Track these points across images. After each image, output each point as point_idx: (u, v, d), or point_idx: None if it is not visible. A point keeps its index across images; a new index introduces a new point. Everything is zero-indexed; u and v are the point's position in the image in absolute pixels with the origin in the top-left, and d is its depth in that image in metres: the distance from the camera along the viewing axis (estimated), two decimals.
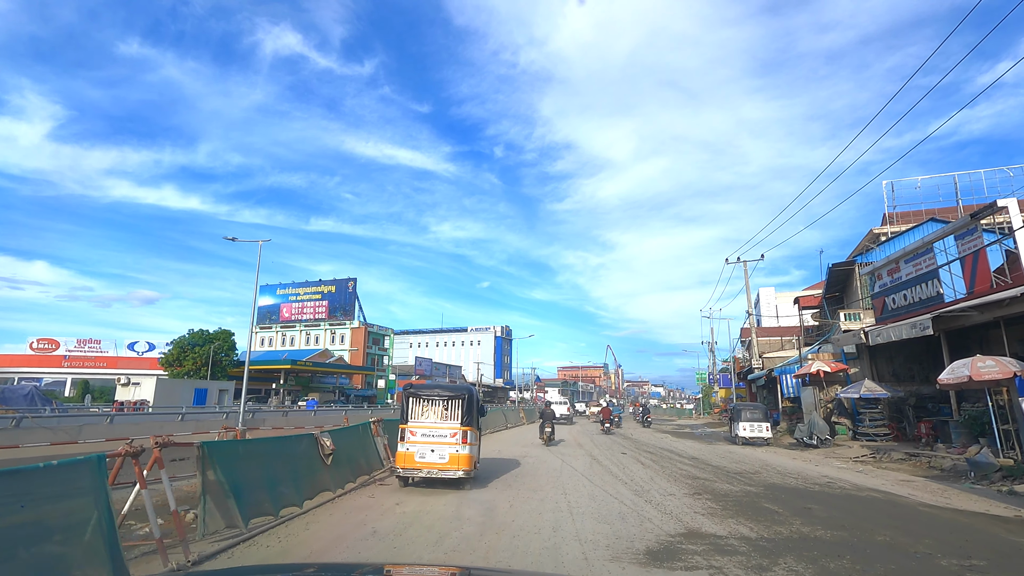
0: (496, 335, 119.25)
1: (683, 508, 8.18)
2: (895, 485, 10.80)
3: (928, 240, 16.94)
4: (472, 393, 10.70)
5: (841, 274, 28.21)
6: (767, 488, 10.27)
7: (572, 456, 16.06)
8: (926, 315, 15.79)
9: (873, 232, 33.32)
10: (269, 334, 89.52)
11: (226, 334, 59.63)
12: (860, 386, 19.75)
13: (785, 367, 25.79)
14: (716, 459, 16.03)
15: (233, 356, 59.61)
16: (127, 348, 69.16)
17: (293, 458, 7.25)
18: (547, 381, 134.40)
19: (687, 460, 15.66)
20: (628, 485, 10.43)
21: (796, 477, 11.98)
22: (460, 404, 10.26)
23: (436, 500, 8.60)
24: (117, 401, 30.87)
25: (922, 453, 15.63)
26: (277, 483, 6.57)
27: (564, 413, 42.93)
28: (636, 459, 15.61)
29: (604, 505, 8.38)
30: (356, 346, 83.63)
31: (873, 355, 21.90)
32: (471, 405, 10.39)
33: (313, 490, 7.52)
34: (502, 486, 10.31)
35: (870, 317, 24.18)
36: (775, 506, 8.41)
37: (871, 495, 9.63)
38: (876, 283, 20.97)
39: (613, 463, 14.40)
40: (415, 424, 10.05)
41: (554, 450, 18.46)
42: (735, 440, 21.67)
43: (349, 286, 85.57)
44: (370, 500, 8.36)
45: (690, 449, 19.47)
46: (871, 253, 25.73)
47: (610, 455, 16.61)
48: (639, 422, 40.37)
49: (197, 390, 33.07)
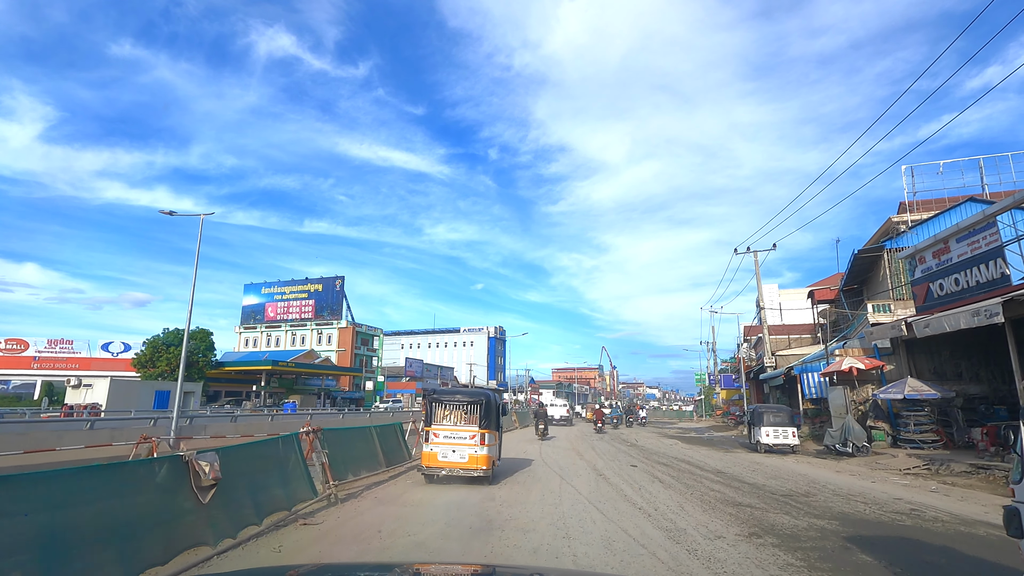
0: (489, 336, 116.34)
1: (748, 566, 5.49)
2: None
3: (992, 213, 14.36)
4: (490, 398, 11.50)
5: (865, 263, 25.69)
6: (842, 522, 7.61)
7: (573, 471, 13.32)
8: (992, 299, 13.23)
9: (892, 221, 30.88)
10: (254, 334, 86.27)
11: (204, 334, 56.44)
12: (903, 385, 17.16)
13: (806, 365, 23.21)
14: (747, 473, 13.38)
15: (211, 357, 56.47)
16: (101, 349, 65.78)
17: (127, 496, 4.49)
18: (542, 383, 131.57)
19: (712, 475, 12.99)
20: (653, 519, 7.71)
21: (865, 501, 9.34)
22: (479, 408, 11.10)
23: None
24: (66, 405, 27.88)
25: (992, 465, 13.03)
26: (73, 547, 3.78)
27: (564, 415, 42.38)
28: (651, 474, 12.93)
29: (627, 560, 5.68)
30: (344, 347, 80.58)
31: (912, 350, 19.37)
32: (489, 409, 11.19)
33: (167, 548, 4.68)
34: (480, 528, 7.58)
35: (902, 308, 21.67)
36: (881, 560, 5.74)
37: (990, 534, 6.97)
38: (917, 268, 18.41)
39: (625, 481, 11.71)
40: (438, 427, 10.90)
41: (551, 460, 15.76)
42: (756, 447, 19.05)
43: (336, 285, 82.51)
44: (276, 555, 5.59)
45: (709, 459, 16.83)
46: (901, 238, 23.22)
47: (618, 469, 13.92)
48: (623, 424, 42.27)
49: (158, 392, 30.10)
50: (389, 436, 11.79)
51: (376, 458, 10.75)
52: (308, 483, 7.70)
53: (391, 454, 11.56)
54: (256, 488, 6.22)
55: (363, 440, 10.77)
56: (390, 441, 11.69)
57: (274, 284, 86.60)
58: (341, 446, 9.36)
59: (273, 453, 7.09)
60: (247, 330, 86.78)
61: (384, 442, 11.28)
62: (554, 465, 14.32)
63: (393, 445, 11.81)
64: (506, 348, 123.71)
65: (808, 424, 22.39)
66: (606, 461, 15.65)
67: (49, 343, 65.14)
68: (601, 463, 15.03)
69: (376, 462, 10.84)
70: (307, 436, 7.99)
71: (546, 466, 14.21)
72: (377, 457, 10.80)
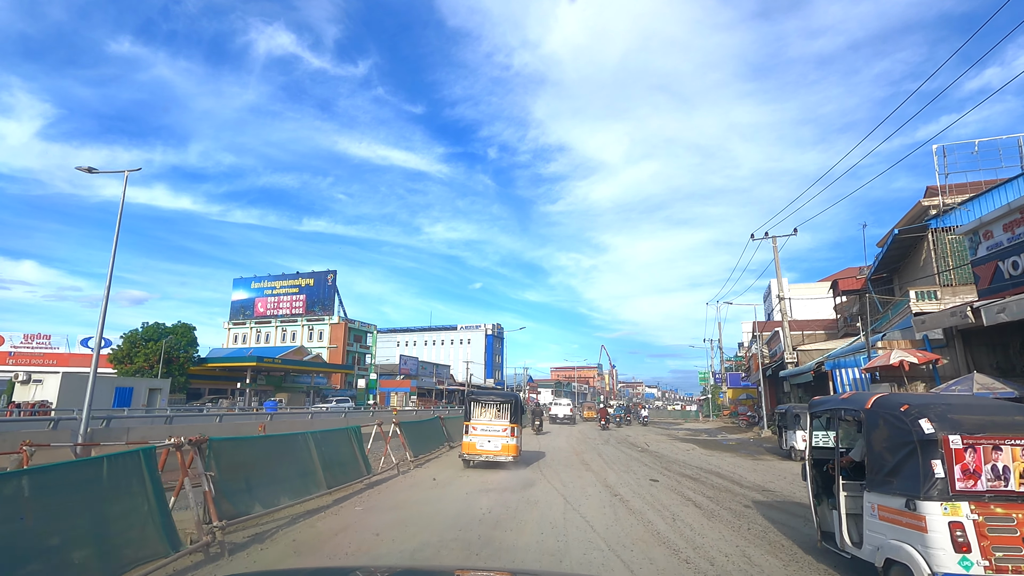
0: (487, 333, 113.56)
1: None
2: None
3: None
4: (518, 399, 14.34)
5: (902, 247, 23.03)
6: None
7: (579, 489, 10.56)
8: None
9: (921, 204, 28.25)
10: (243, 330, 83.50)
11: (185, 328, 53.73)
12: (969, 382, 14.48)
13: (838, 360, 20.56)
14: (799, 491, 10.72)
15: (193, 352, 53.74)
16: (80, 344, 62.98)
17: None
18: (540, 382, 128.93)
19: (757, 494, 10.36)
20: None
21: None
22: (508, 407, 13.74)
23: None
24: (13, 402, 25.18)
25: None
26: None
27: (567, 414, 41.84)
28: (680, 493, 10.27)
29: None
30: (336, 343, 77.82)
31: (969, 342, 16.72)
32: (517, 407, 13.90)
33: None
34: None
35: (950, 295, 19.04)
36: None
37: None
38: (981, 245, 15.73)
39: (649, 505, 9.05)
40: (475, 422, 13.30)
41: (551, 472, 13.11)
42: (791, 454, 16.40)
43: (328, 279, 79.72)
44: None
45: (740, 470, 14.17)
46: (950, 215, 20.54)
47: (636, 485, 11.25)
48: (616, 424, 40.05)
49: (119, 389, 27.40)
50: (338, 446, 9.00)
51: (310, 478, 7.96)
52: (161, 527, 4.83)
53: (340, 469, 8.82)
54: (42, 544, 3.39)
55: (288, 453, 7.90)
56: (339, 452, 8.97)
57: (264, 278, 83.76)
58: (250, 464, 6.70)
59: (93, 482, 4.31)
60: (236, 326, 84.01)
61: (328, 454, 8.54)
62: (555, 479, 11.66)
63: (344, 457, 9.07)
64: (504, 346, 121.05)
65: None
66: (618, 473, 12.99)
67: (25, 338, 62.37)
68: (613, 476, 12.37)
69: (310, 483, 7.98)
70: (180, 452, 5.16)
71: (545, 480, 11.53)
72: (313, 476, 8.02)
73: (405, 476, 10.74)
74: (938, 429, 4.35)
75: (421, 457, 13.98)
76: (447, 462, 14.20)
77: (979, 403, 5.51)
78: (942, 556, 3.99)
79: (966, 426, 4.38)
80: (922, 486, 4.30)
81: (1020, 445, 4.28)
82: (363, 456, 9.38)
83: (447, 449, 17.09)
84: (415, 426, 15.22)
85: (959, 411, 4.60)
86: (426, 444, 15.36)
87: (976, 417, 4.53)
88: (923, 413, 4.52)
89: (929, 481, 4.27)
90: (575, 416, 45.46)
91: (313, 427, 13.14)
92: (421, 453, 14.23)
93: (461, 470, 12.60)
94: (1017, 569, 3.89)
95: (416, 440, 13.94)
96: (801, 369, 23.65)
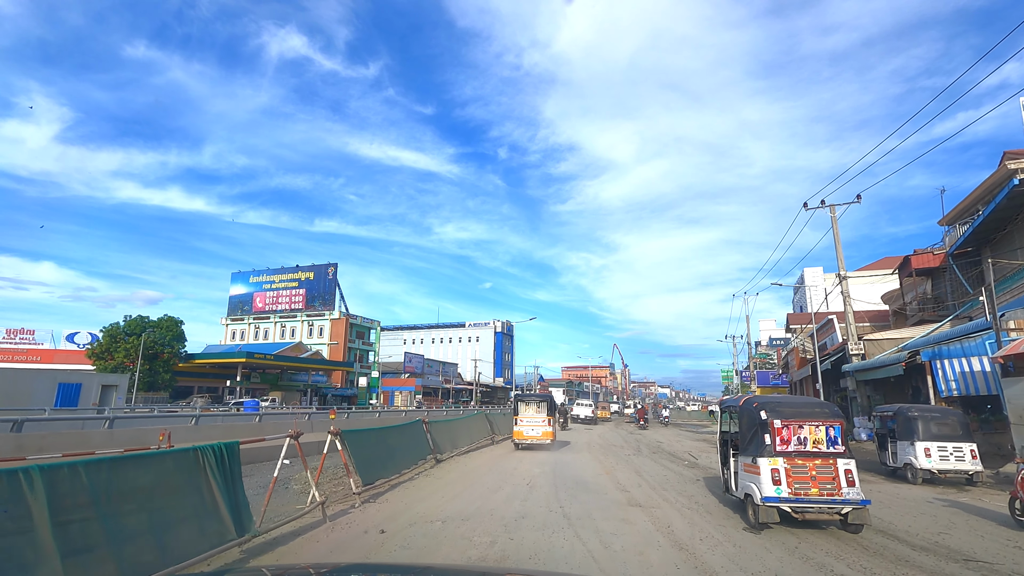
0: (496, 331, 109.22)
1: None
2: None
3: None
4: (552, 399, 20.08)
5: (1014, 206, 18.34)
6: None
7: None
8: None
9: (1006, 167, 23.54)
10: (241, 326, 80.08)
11: (171, 322, 50.10)
12: None
13: (940, 347, 15.99)
14: (1008, 550, 6.32)
15: (180, 348, 50.10)
16: (66, 340, 59.82)
17: None
18: (551, 381, 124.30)
19: (948, 564, 5.92)
20: None
21: None
22: (546, 404, 18.92)
23: None
24: None
25: None
26: None
27: (588, 415, 41.87)
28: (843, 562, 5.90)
29: None
30: (336, 340, 74.02)
31: None
32: (552, 405, 19.48)
33: None
34: None
35: None
36: None
37: None
38: None
39: None
40: (522, 416, 18.51)
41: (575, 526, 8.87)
42: (906, 474, 11.89)
43: (329, 272, 75.96)
44: None
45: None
46: None
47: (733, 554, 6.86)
48: (635, 425, 39.77)
49: (62, 385, 23.45)
50: (180, 495, 4.19)
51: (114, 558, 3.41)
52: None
53: (173, 534, 4.15)
54: None
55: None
56: (176, 508, 4.12)
57: (263, 272, 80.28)
58: None
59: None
60: (234, 322, 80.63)
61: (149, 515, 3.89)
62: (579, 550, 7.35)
63: (186, 511, 4.17)
64: (513, 344, 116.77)
65: None
66: (686, 523, 8.31)
67: (8, 333, 59.27)
68: (680, 526, 7.79)
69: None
70: None
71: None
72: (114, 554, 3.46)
73: (331, 527, 6.42)
74: (769, 416, 7.42)
75: (382, 482, 9.62)
76: (422, 490, 9.98)
77: (794, 400, 9.02)
78: (766, 488, 6.99)
79: (784, 414, 7.48)
80: (760, 449, 7.29)
81: (812, 424, 7.38)
82: (240, 507, 4.99)
83: (431, 464, 12.82)
84: (375, 436, 10.34)
85: (782, 406, 7.71)
86: (401, 459, 11.08)
87: (790, 409, 7.68)
88: (763, 407, 7.61)
89: (763, 446, 7.27)
90: (595, 417, 44.45)
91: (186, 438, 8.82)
92: (383, 476, 9.77)
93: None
94: (806, 493, 6.96)
95: (378, 456, 9.59)
96: (880, 361, 19.06)
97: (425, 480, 10.88)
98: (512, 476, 11.84)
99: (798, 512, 6.97)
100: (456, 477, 11.46)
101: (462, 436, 16.88)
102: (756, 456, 7.26)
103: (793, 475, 7.00)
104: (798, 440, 7.25)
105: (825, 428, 7.31)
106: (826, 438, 7.29)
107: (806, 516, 7.01)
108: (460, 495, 9.32)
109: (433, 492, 9.56)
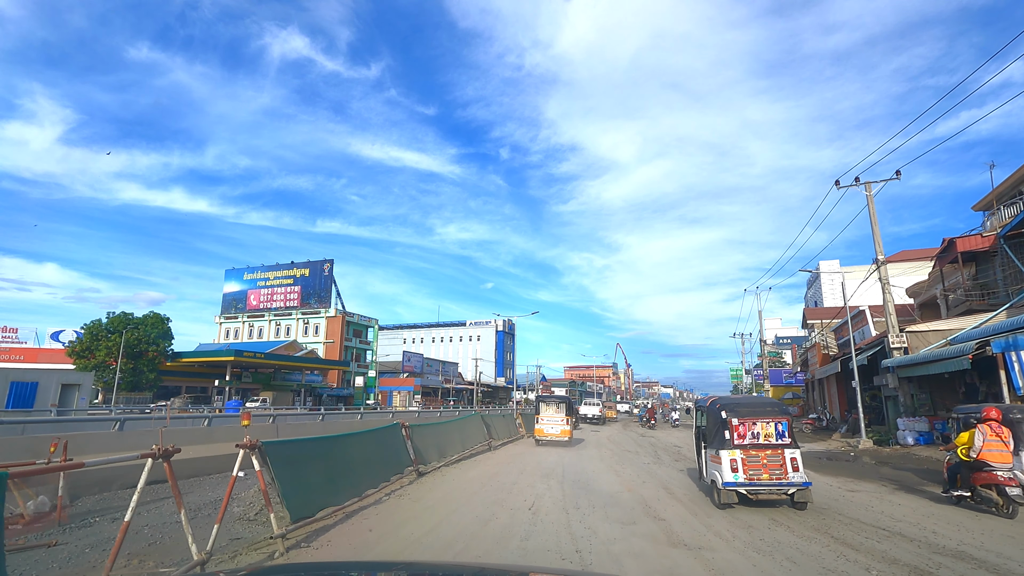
0: (497, 329, 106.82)
1: None
2: None
3: None
4: (570, 400, 22.27)
5: None
6: None
7: None
8: None
9: None
10: (235, 324, 77.85)
11: (157, 319, 47.77)
12: None
13: (1016, 337, 13.56)
14: None
15: (166, 346, 47.77)
16: (50, 338, 57.71)
17: None
18: (553, 381, 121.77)
19: None
20: None
21: None
22: (564, 405, 21.17)
23: None
24: None
25: None
26: None
27: (596, 414, 41.75)
28: None
29: None
30: (332, 338, 71.70)
31: None
32: (569, 406, 21.52)
33: None
34: None
35: None
36: None
37: None
38: None
39: None
40: (543, 415, 20.59)
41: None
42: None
43: (325, 269, 73.65)
44: None
45: (960, 542, 7.21)
46: None
47: None
48: (645, 425, 39.21)
49: (15, 384, 21.08)
50: None
51: None
52: None
53: None
54: None
55: None
56: None
57: (257, 269, 77.99)
58: None
59: None
60: (228, 320, 78.39)
61: None
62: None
63: None
64: (515, 343, 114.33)
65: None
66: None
67: None
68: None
69: None
70: None
71: None
72: None
73: None
74: (728, 415, 8.56)
75: (330, 512, 7.16)
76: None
77: (750, 400, 10.31)
78: (727, 474, 8.15)
79: (741, 413, 8.63)
80: (721, 443, 8.41)
81: (764, 421, 8.49)
82: None
83: (411, 480, 10.43)
84: (325, 447, 7.58)
85: (740, 405, 8.88)
86: (365, 475, 8.48)
87: (746, 408, 8.80)
88: (724, 407, 8.77)
89: (725, 440, 8.39)
90: (603, 417, 43.29)
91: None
92: (332, 503, 7.12)
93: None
94: (759, 478, 8.08)
95: (328, 475, 6.91)
96: (935, 355, 16.60)
97: (396, 504, 8.47)
98: (511, 496, 9.39)
99: (752, 494, 8.25)
100: (439, 498, 9.06)
101: (452, 442, 14.45)
102: (719, 449, 8.46)
103: (748, 464, 8.22)
104: (752, 435, 8.45)
105: (775, 424, 8.53)
106: (775, 432, 8.49)
107: (759, 496, 8.30)
108: (437, 528, 6.92)
109: (402, 523, 7.17)
